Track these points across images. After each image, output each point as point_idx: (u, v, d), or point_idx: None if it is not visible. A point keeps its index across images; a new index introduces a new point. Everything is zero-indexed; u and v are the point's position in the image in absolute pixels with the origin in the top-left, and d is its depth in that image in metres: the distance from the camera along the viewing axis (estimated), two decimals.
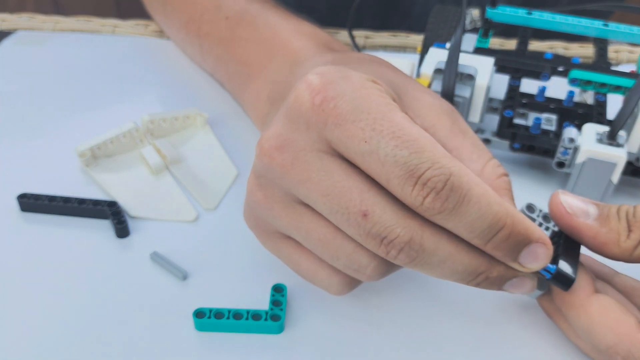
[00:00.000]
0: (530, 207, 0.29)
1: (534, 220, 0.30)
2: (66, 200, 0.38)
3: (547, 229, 0.30)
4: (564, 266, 0.28)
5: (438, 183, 0.24)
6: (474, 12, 0.47)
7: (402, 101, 0.30)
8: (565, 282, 0.28)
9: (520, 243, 0.26)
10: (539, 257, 0.26)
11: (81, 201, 0.38)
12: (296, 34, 0.43)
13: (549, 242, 0.26)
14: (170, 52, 0.56)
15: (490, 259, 0.27)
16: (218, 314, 0.32)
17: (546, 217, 0.30)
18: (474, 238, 0.25)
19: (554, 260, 0.28)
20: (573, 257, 0.29)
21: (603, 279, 0.32)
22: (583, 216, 0.29)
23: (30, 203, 0.38)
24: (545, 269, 0.28)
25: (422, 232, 0.25)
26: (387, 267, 0.28)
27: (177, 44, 0.56)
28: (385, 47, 0.58)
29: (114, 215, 0.37)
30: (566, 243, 0.29)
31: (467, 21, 0.46)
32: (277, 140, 0.27)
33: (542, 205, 0.30)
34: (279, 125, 0.27)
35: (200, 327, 0.32)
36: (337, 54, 0.39)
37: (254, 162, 0.29)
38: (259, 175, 0.28)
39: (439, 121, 0.30)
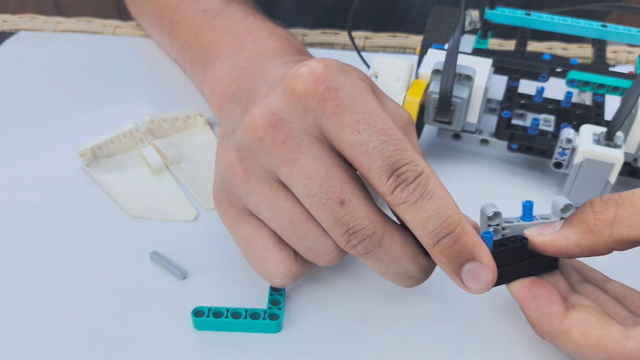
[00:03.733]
0: (492, 215, 0.30)
1: (492, 227, 0.31)
2: None
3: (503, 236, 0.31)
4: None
5: (410, 177, 0.26)
6: (474, 13, 0.47)
7: None
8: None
9: (464, 255, 0.27)
10: (480, 279, 0.27)
11: None
12: (270, 34, 0.45)
13: (494, 268, 0.28)
14: None
15: (428, 271, 0.30)
16: (217, 312, 0.32)
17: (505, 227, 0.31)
18: (425, 236, 0.27)
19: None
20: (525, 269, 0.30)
21: (595, 284, 0.32)
22: (562, 239, 0.29)
23: None
24: None
25: (384, 229, 0.28)
26: (344, 255, 0.31)
27: (147, 29, 0.57)
28: (385, 48, 0.59)
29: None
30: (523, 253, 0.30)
31: (467, 22, 0.46)
32: (272, 118, 0.28)
33: (540, 209, 0.30)
34: (274, 104, 0.28)
35: (199, 326, 0.32)
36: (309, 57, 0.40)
37: (239, 135, 0.29)
38: (242, 148, 0.29)
39: None
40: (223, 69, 0.44)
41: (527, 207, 0.31)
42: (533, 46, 0.59)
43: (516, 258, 0.30)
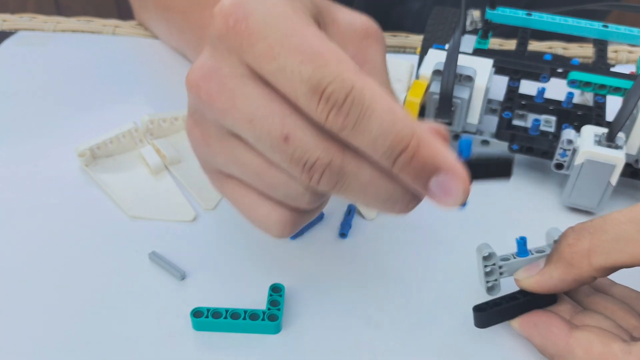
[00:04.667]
0: (488, 256, 0.31)
1: (489, 267, 0.31)
2: None
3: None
4: None
5: (339, 97, 0.23)
6: (475, 13, 0.47)
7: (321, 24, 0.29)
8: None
9: (427, 168, 0.24)
10: (450, 191, 0.24)
11: None
12: None
13: (463, 175, 0.24)
14: (170, 52, 0.56)
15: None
16: (216, 313, 0.32)
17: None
18: (380, 159, 0.24)
19: None
20: None
21: (601, 290, 0.33)
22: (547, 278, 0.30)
23: None
24: None
25: (342, 155, 0.25)
26: (320, 194, 0.28)
27: (152, 28, 0.57)
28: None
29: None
30: None
31: (468, 22, 0.46)
32: (202, 70, 0.26)
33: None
34: (204, 55, 0.27)
35: (197, 327, 0.32)
36: None
37: (188, 100, 0.28)
38: (193, 111, 0.28)
39: (352, 47, 0.29)
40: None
41: (521, 243, 0.31)
42: (534, 46, 0.59)
43: (500, 171, 0.26)
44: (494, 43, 0.59)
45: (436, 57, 0.41)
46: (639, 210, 0.28)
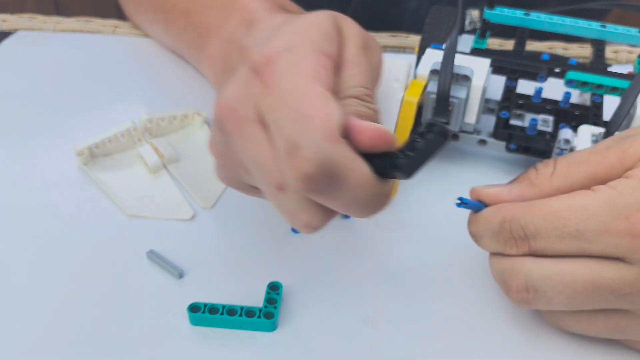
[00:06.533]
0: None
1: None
2: None
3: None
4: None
5: (311, 168, 0.25)
6: (474, 13, 0.47)
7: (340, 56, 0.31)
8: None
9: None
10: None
11: None
12: None
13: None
14: (169, 52, 0.56)
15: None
16: (212, 309, 0.32)
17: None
18: (351, 214, 0.28)
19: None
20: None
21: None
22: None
23: None
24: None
25: (324, 219, 0.28)
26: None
27: (144, 26, 0.57)
28: (385, 48, 0.59)
29: None
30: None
31: (467, 22, 0.46)
32: (225, 108, 0.28)
33: None
34: (229, 92, 0.29)
35: (194, 322, 0.32)
36: (287, 15, 0.39)
37: (213, 126, 0.30)
38: (218, 142, 0.30)
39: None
40: (214, 46, 0.44)
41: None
42: (534, 46, 0.59)
43: (437, 143, 0.25)
44: (494, 43, 0.59)
45: (434, 57, 0.41)
46: (600, 143, 0.30)
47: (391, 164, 0.26)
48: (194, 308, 0.32)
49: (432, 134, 0.25)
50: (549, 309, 0.30)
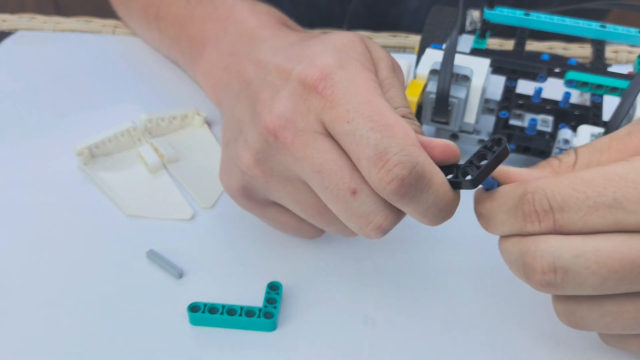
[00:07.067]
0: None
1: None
2: None
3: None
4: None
5: (403, 170, 0.26)
6: (475, 13, 0.47)
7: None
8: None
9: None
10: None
11: None
12: (251, 12, 0.44)
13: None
14: None
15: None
16: (212, 308, 0.32)
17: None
18: (423, 221, 0.28)
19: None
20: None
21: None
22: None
23: None
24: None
25: (398, 216, 0.29)
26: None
27: (136, 30, 0.57)
28: (385, 48, 0.58)
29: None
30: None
31: (467, 22, 0.46)
32: (280, 120, 0.29)
33: None
34: (281, 107, 0.30)
35: (194, 321, 0.33)
36: (300, 34, 0.39)
37: (252, 139, 0.31)
38: (257, 151, 0.31)
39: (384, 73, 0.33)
40: (212, 57, 0.44)
41: None
42: (534, 46, 0.59)
43: (501, 158, 0.28)
44: (495, 43, 0.59)
45: (433, 57, 0.41)
46: (620, 130, 0.30)
47: (463, 173, 0.28)
48: (193, 308, 0.32)
49: (499, 148, 0.27)
50: (576, 292, 0.27)
